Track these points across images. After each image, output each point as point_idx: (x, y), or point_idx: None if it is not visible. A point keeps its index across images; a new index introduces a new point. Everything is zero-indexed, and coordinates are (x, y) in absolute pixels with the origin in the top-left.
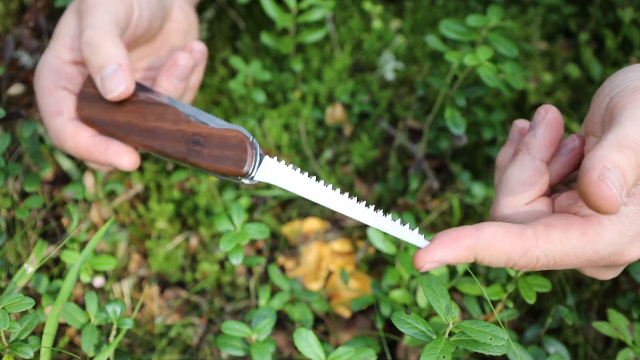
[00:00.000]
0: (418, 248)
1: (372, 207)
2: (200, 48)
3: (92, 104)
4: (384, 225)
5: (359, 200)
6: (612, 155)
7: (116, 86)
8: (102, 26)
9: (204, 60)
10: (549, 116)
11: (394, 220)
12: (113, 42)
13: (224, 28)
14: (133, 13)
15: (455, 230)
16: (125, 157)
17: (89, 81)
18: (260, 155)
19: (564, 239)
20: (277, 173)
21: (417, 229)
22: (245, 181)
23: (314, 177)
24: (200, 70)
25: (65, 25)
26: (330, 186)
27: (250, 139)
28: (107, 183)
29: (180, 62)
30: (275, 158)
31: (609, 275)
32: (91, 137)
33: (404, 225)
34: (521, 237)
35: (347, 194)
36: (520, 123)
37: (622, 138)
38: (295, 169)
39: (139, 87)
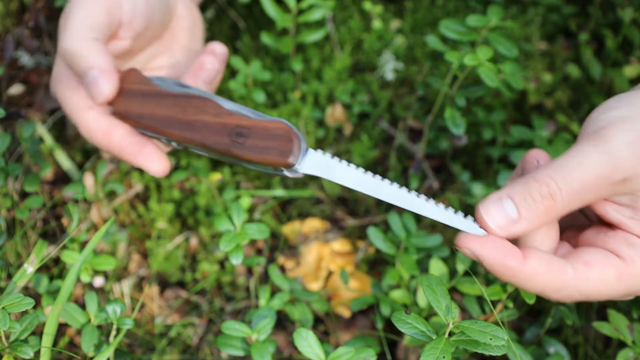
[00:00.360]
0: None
1: (423, 196)
2: (222, 50)
3: (127, 98)
4: (438, 215)
5: (409, 189)
6: (511, 189)
7: (100, 91)
8: (76, 33)
9: (225, 63)
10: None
11: (447, 209)
12: (88, 47)
13: (224, 28)
14: (122, 10)
15: (508, 246)
16: (156, 162)
17: (123, 77)
18: (305, 148)
19: (600, 281)
20: (322, 165)
21: (471, 218)
22: (288, 173)
23: (361, 169)
24: (220, 73)
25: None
26: (378, 177)
27: (295, 131)
28: (107, 183)
29: (207, 66)
30: (320, 151)
31: (628, 298)
32: (125, 135)
33: (456, 213)
34: (561, 275)
35: (396, 184)
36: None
37: (539, 172)
38: (340, 161)
39: (176, 83)
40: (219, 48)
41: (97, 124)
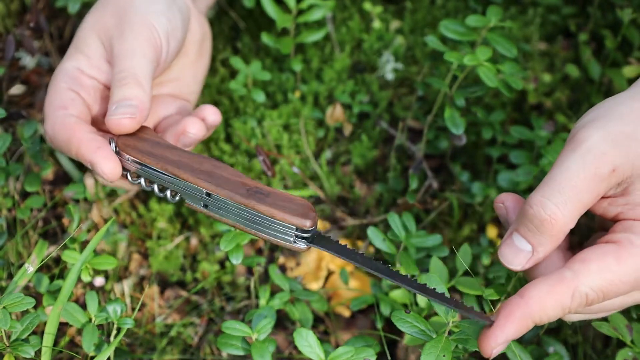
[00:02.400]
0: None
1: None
2: (214, 119)
3: (136, 139)
4: (443, 301)
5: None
6: (515, 223)
7: (122, 118)
8: (139, 74)
9: (214, 129)
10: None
11: (453, 299)
12: (146, 91)
13: (224, 28)
14: (161, 54)
15: (505, 307)
16: (110, 163)
17: (136, 132)
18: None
19: (603, 270)
20: (329, 245)
21: (478, 309)
22: (300, 243)
23: (369, 256)
24: (210, 132)
25: (91, 44)
26: (388, 266)
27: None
28: None
29: (189, 134)
30: (330, 236)
31: None
32: (88, 133)
33: (467, 304)
34: (563, 282)
35: (406, 274)
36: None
37: (531, 197)
38: (346, 247)
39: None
40: (211, 116)
41: (64, 120)
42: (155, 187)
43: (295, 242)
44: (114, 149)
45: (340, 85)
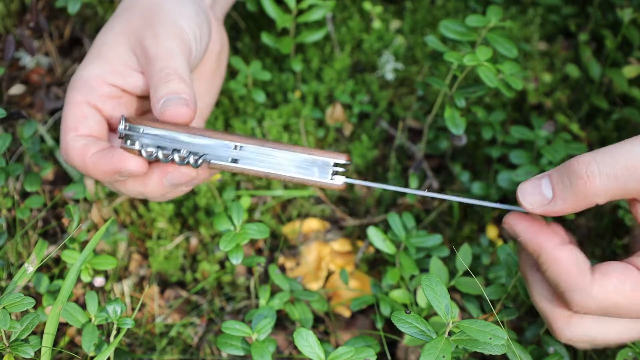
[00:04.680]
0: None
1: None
2: (205, 177)
3: (147, 119)
4: (471, 200)
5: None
6: (553, 170)
7: (178, 108)
8: (181, 72)
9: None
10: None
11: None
12: (191, 88)
13: (225, 28)
14: (191, 55)
15: (548, 229)
16: (132, 160)
17: None
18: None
19: (617, 291)
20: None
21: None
22: (338, 180)
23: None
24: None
25: (117, 49)
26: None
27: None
28: None
29: (182, 169)
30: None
31: None
32: (98, 152)
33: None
34: (580, 273)
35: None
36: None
37: (582, 154)
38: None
39: None
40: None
41: (74, 143)
42: (176, 156)
43: (332, 179)
44: (125, 126)
45: (340, 85)
